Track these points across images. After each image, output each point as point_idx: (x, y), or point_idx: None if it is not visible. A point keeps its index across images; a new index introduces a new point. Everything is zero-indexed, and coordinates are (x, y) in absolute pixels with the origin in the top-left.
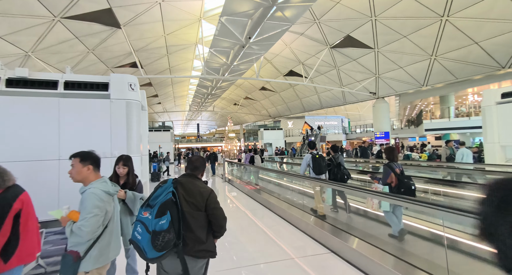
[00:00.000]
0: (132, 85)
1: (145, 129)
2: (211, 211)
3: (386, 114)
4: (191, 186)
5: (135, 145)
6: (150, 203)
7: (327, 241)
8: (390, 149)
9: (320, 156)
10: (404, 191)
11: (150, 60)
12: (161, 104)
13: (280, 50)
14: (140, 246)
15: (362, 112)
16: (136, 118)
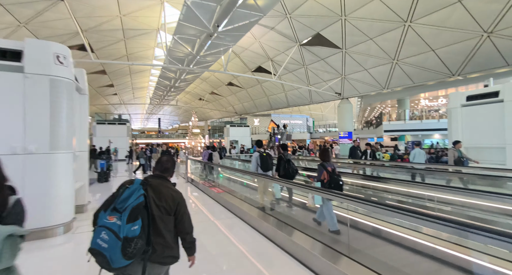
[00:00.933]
0: (60, 57)
1: (84, 118)
2: (181, 217)
3: (350, 115)
4: (163, 189)
5: (65, 137)
6: (116, 206)
7: None
8: (324, 150)
9: (267, 154)
10: (333, 186)
11: (103, 44)
12: (118, 95)
13: (249, 44)
14: (106, 255)
15: (325, 112)
16: (67, 103)
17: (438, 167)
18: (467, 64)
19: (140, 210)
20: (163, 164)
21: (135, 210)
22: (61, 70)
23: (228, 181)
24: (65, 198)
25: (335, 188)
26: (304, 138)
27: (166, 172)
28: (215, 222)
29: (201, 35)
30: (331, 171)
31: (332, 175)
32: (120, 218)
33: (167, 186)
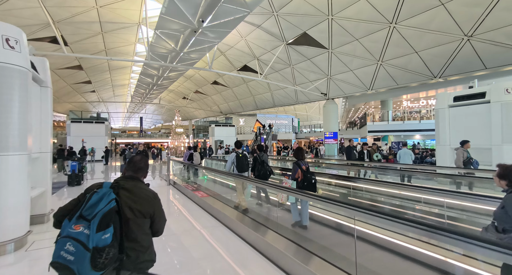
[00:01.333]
0: (11, 41)
1: (46, 114)
2: (158, 218)
3: (335, 115)
4: (137, 191)
5: (16, 136)
6: (83, 213)
7: None
8: (298, 149)
9: (243, 155)
10: (306, 184)
11: (78, 37)
12: (96, 93)
13: (235, 42)
14: (73, 268)
15: (310, 113)
16: (20, 95)
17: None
18: (447, 67)
19: (112, 216)
20: (136, 163)
21: (106, 217)
22: (11, 55)
23: (213, 183)
24: (16, 208)
25: (308, 185)
26: (290, 138)
27: (139, 172)
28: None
29: (185, 31)
30: (305, 170)
31: (306, 174)
32: (89, 227)
33: (141, 187)
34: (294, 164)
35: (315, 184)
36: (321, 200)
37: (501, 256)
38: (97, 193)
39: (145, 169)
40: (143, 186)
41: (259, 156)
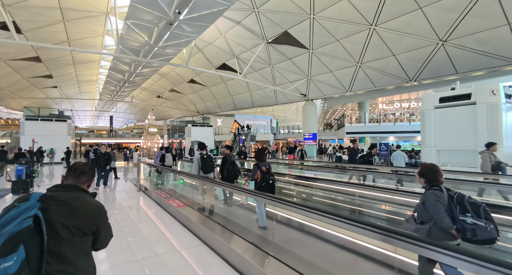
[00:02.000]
0: None
1: None
2: (103, 233)
3: (314, 116)
4: (76, 203)
5: None
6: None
7: None
8: (259, 151)
9: (208, 156)
10: (265, 185)
11: (34, 24)
12: (59, 88)
13: (213, 39)
14: None
15: (288, 114)
16: None
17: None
18: (422, 71)
19: (23, 238)
20: (77, 169)
21: (12, 239)
22: None
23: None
24: None
25: (266, 186)
26: (268, 139)
27: (81, 179)
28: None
29: (160, 23)
30: (265, 171)
31: (265, 175)
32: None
33: (83, 199)
34: (254, 165)
35: (274, 184)
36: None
37: (412, 248)
38: (17, 207)
39: (90, 175)
40: (86, 197)
41: (229, 156)
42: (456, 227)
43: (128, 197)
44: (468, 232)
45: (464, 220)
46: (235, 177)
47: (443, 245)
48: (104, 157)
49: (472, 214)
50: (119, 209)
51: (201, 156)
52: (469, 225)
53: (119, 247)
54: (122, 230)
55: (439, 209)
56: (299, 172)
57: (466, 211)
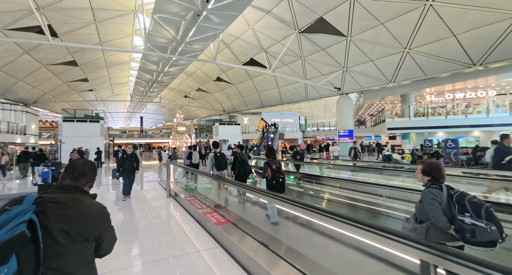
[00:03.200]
0: None
1: None
2: (107, 239)
3: (350, 112)
4: (77, 206)
5: None
6: None
7: None
8: (270, 149)
9: (221, 154)
10: (275, 183)
11: (69, 27)
12: (94, 91)
13: (241, 32)
14: None
15: (316, 111)
16: None
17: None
18: (492, 52)
19: (15, 246)
20: (76, 168)
21: (2, 249)
22: None
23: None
24: None
25: (276, 184)
26: (296, 137)
27: (81, 180)
28: None
29: (187, 15)
30: (276, 169)
31: (275, 173)
32: None
33: (82, 201)
34: (265, 163)
35: (283, 182)
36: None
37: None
38: (9, 211)
39: (90, 175)
40: (86, 198)
41: (239, 155)
42: (455, 227)
43: (157, 205)
44: (467, 233)
45: (462, 219)
46: (246, 175)
47: None
48: (131, 159)
49: (472, 213)
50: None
51: (215, 154)
52: (467, 225)
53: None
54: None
55: (435, 207)
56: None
57: (465, 210)
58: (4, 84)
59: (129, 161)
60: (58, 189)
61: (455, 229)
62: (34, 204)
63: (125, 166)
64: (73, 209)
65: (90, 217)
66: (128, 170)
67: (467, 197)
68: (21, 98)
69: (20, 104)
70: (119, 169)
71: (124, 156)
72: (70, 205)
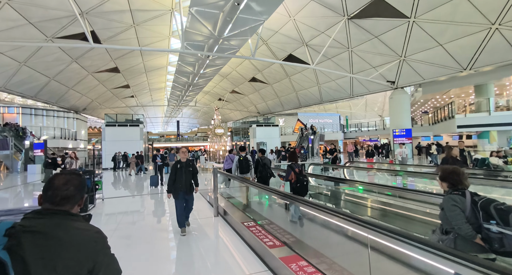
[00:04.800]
0: None
1: None
2: (103, 270)
3: (406, 108)
4: (60, 234)
5: None
6: None
7: None
8: (292, 153)
9: (244, 158)
10: (298, 185)
11: (111, 32)
12: (135, 97)
13: (280, 25)
14: None
15: (355, 110)
16: None
17: None
18: None
19: None
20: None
21: None
22: None
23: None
24: None
25: (300, 187)
26: (337, 138)
27: (64, 205)
28: None
29: (226, 5)
30: (298, 172)
31: (299, 176)
32: None
33: (68, 226)
34: (288, 166)
35: (307, 185)
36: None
37: None
38: None
39: (77, 196)
40: (74, 222)
41: (261, 159)
42: (482, 236)
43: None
44: (495, 242)
45: (488, 228)
46: (268, 178)
47: None
48: (188, 169)
49: (498, 221)
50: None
51: (239, 158)
52: (494, 233)
53: None
54: None
55: (457, 214)
56: None
57: (491, 217)
58: (58, 93)
59: (186, 173)
60: (35, 214)
61: (482, 238)
62: (5, 236)
63: (180, 181)
64: (56, 238)
65: (79, 245)
66: (185, 188)
67: (493, 203)
68: (72, 105)
69: (72, 112)
70: (171, 187)
71: (178, 166)
72: (52, 233)
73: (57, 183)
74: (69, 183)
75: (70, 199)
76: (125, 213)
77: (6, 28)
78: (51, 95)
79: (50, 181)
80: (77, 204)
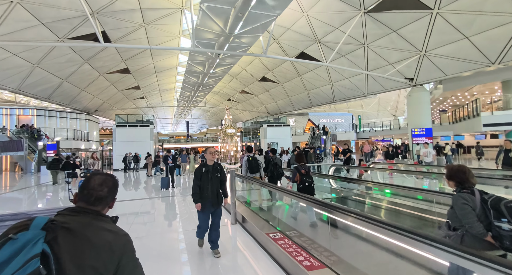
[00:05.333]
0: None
1: None
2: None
3: (426, 106)
4: (90, 233)
5: None
6: None
7: None
8: (299, 154)
9: (253, 158)
10: (302, 187)
11: (121, 33)
12: (145, 99)
13: (293, 21)
14: None
15: (367, 109)
16: None
17: None
18: None
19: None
20: (92, 191)
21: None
22: None
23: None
24: None
25: (304, 187)
26: (349, 138)
27: (97, 206)
28: None
29: (237, 1)
30: (304, 173)
31: (303, 177)
32: None
33: (98, 226)
34: (294, 168)
35: (311, 186)
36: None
37: None
38: (14, 240)
39: (109, 197)
40: (104, 223)
41: (272, 158)
42: (493, 234)
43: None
44: (506, 240)
45: (499, 226)
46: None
47: None
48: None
49: (509, 219)
50: None
51: (248, 158)
52: (505, 231)
53: None
54: None
55: (468, 212)
56: None
57: (502, 215)
58: (71, 94)
59: (213, 179)
60: (69, 211)
61: (493, 236)
62: (43, 230)
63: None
64: (86, 237)
65: (105, 246)
66: (211, 198)
67: (503, 201)
68: (84, 107)
69: (84, 113)
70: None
71: (203, 170)
72: (82, 232)
73: (93, 183)
74: (104, 184)
75: (103, 199)
76: (133, 222)
77: (19, 28)
78: (64, 97)
79: (87, 182)
80: (108, 205)
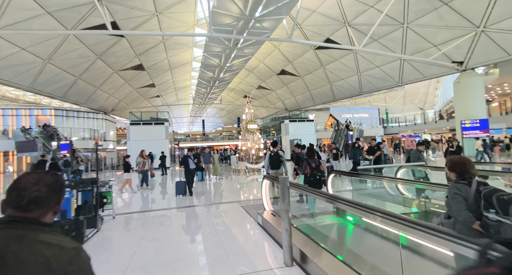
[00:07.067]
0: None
1: None
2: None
3: (480, 93)
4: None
5: None
6: None
7: None
8: (310, 149)
9: (275, 154)
10: (312, 179)
11: (132, 23)
12: (161, 97)
13: (319, 3)
14: None
15: (392, 103)
16: None
17: None
18: None
19: None
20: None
21: None
22: None
23: None
24: None
25: (314, 180)
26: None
27: (33, 211)
28: None
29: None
30: (315, 167)
31: (313, 170)
32: None
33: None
34: (305, 161)
35: (321, 179)
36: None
37: None
38: None
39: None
40: (42, 235)
41: (301, 154)
42: (481, 223)
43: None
44: (491, 229)
45: (486, 215)
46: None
47: None
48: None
49: (498, 210)
50: None
51: (270, 153)
52: (491, 221)
53: None
54: None
55: (457, 202)
56: None
57: (491, 206)
58: (86, 93)
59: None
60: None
61: (481, 225)
62: None
63: None
64: (14, 258)
65: (41, 265)
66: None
67: (497, 193)
68: (101, 106)
69: (101, 113)
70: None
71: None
72: (8, 251)
73: (25, 181)
74: (42, 181)
75: (40, 202)
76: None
77: (24, 18)
78: (80, 95)
79: (18, 181)
80: (52, 210)
